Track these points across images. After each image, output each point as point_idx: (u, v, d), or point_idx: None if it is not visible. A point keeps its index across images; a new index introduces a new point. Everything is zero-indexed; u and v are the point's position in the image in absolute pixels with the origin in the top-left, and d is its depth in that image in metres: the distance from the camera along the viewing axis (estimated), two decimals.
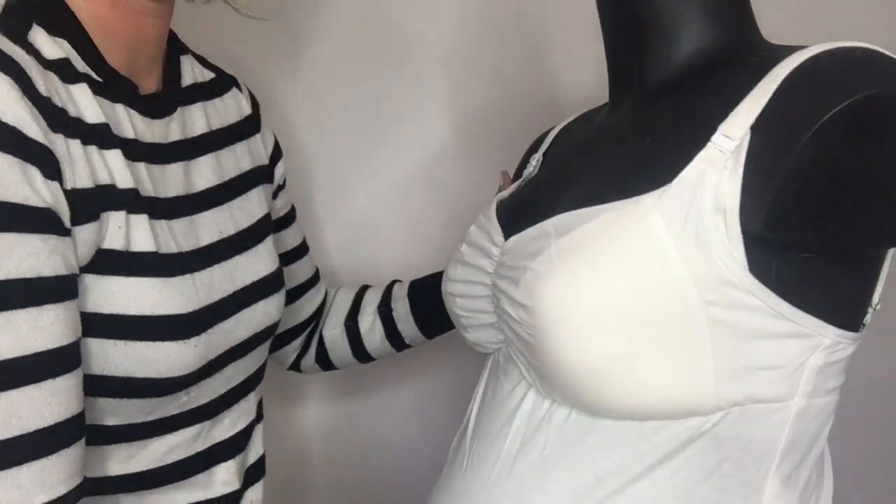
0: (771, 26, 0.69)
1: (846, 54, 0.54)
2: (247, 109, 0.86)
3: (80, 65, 0.63)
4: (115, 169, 0.63)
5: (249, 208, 0.80)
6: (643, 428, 0.58)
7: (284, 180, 0.93)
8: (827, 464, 0.67)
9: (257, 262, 0.78)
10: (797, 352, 0.57)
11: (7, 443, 0.52)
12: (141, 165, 0.66)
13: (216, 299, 0.70)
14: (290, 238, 0.95)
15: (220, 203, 0.75)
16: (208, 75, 0.82)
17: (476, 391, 0.73)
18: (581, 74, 1.11)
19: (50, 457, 0.54)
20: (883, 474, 1.37)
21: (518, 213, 0.73)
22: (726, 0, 0.65)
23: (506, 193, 0.80)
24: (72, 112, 0.60)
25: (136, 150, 0.66)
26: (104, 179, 0.62)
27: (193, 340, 0.66)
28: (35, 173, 0.55)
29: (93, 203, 0.60)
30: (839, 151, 0.51)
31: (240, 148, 0.82)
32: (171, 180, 0.70)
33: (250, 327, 0.75)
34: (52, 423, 0.54)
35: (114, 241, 0.62)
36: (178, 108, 0.74)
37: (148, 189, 0.66)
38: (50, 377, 0.55)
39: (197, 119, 0.76)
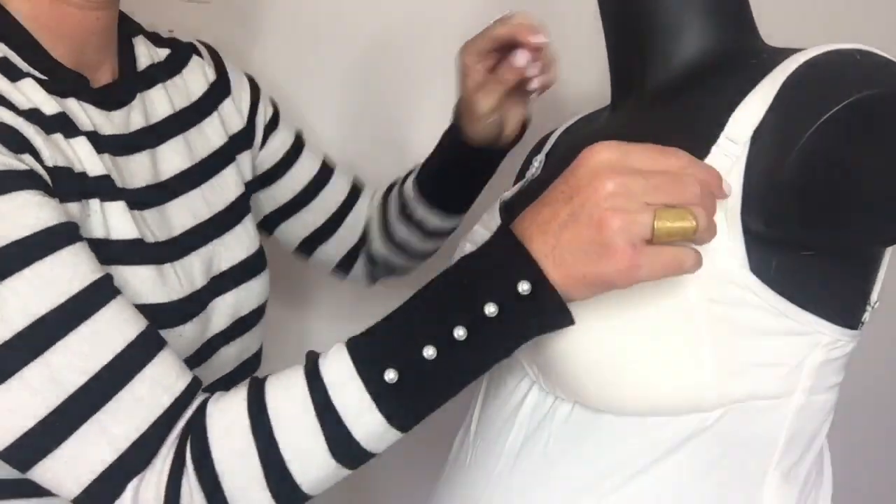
0: (769, 28, 0.70)
1: (844, 56, 0.55)
2: (211, 75, 0.82)
3: (22, 64, 0.62)
4: (84, 157, 0.62)
5: (225, 187, 0.78)
6: (645, 424, 0.59)
7: (273, 116, 0.89)
8: (826, 460, 0.67)
9: (236, 245, 0.76)
10: (797, 349, 0.58)
11: (108, 367, 0.54)
12: (106, 157, 0.65)
13: (197, 288, 0.70)
14: (306, 168, 0.91)
15: (191, 187, 0.74)
16: (163, 53, 0.79)
17: (479, 387, 0.74)
18: (583, 76, 1.12)
19: (152, 361, 0.56)
20: (881, 471, 1.37)
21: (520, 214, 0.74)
22: (726, 3, 0.66)
23: (509, 194, 0.80)
24: (24, 105, 0.59)
25: (97, 142, 0.65)
26: (77, 167, 0.61)
27: (178, 330, 0.66)
28: (1, 150, 0.55)
29: (73, 185, 0.60)
30: (838, 151, 0.52)
31: (209, 124, 0.79)
32: (137, 171, 0.69)
33: (234, 312, 0.75)
34: (136, 334, 0.56)
35: (93, 230, 0.62)
36: (137, 95, 0.72)
37: (118, 181, 0.66)
38: (112, 298, 0.56)
39: (158, 103, 0.74)
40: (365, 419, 0.53)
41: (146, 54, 0.76)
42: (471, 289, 0.52)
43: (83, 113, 0.65)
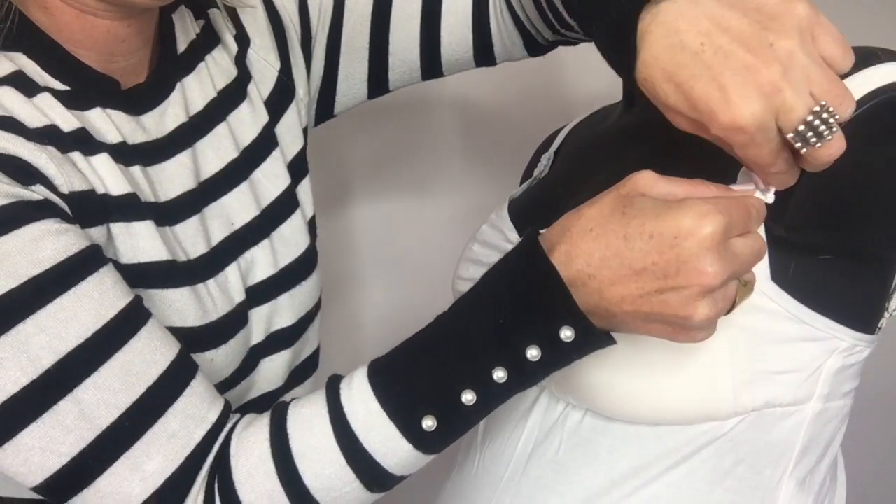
0: None
1: (868, 56, 0.53)
2: (231, 27, 0.72)
3: (40, 76, 0.57)
4: (105, 176, 0.58)
5: (270, 179, 0.70)
6: (658, 431, 0.58)
7: (303, 17, 0.76)
8: (840, 466, 0.67)
9: (281, 248, 0.70)
10: (814, 355, 0.57)
11: (140, 402, 0.52)
12: (136, 169, 0.61)
13: (235, 305, 0.65)
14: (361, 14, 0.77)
15: (236, 183, 0.68)
16: (201, 23, 0.70)
17: None
18: (591, 73, 1.11)
19: (184, 393, 0.54)
20: (893, 477, 1.37)
21: (530, 213, 0.73)
22: None
23: (517, 192, 0.79)
24: (38, 122, 0.55)
25: (125, 154, 0.60)
26: (99, 188, 0.57)
27: (210, 354, 0.62)
28: (12, 183, 0.52)
29: (94, 208, 0.57)
30: (862, 152, 0.50)
31: (246, 106, 0.70)
32: (175, 175, 0.63)
33: (278, 322, 0.70)
34: (167, 364, 0.54)
35: (119, 254, 0.58)
36: (177, 85, 0.65)
37: (147, 195, 0.61)
38: (142, 325, 0.54)
39: (198, 87, 0.67)
40: (399, 456, 0.53)
41: (185, 31, 0.68)
42: (510, 330, 0.49)
43: (109, 124, 0.60)
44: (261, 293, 0.68)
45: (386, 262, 1.22)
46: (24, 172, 0.52)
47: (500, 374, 0.50)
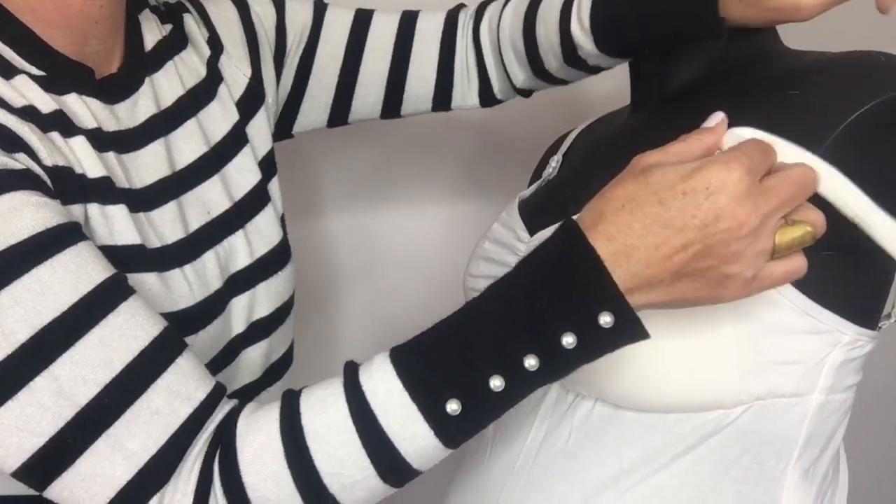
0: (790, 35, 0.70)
1: (870, 58, 0.55)
2: (205, 31, 0.74)
3: (17, 60, 0.57)
4: (82, 158, 0.58)
5: (241, 174, 0.72)
6: (666, 420, 0.59)
7: (278, 33, 0.79)
8: (842, 459, 0.68)
9: (256, 239, 0.71)
10: (817, 348, 0.58)
11: (119, 377, 0.50)
12: (110, 155, 0.61)
13: (212, 291, 0.66)
14: (335, 43, 0.81)
15: (209, 174, 0.69)
16: (168, 28, 0.72)
17: None
18: (598, 78, 1.12)
19: (168, 370, 0.52)
20: (895, 476, 1.37)
21: (539, 213, 0.74)
22: None
23: (526, 193, 0.81)
24: (18, 103, 0.55)
25: (100, 140, 0.60)
26: (77, 168, 0.57)
27: (189, 339, 0.62)
28: None
29: (74, 186, 0.56)
30: (863, 150, 0.53)
31: (218, 99, 0.72)
32: (149, 164, 0.64)
33: (258, 311, 0.71)
34: (148, 340, 0.52)
35: (95, 235, 0.58)
36: (146, 79, 0.67)
37: (121, 181, 0.61)
38: (122, 300, 0.52)
39: (168, 84, 0.69)
40: (419, 443, 0.50)
41: (153, 31, 0.70)
42: (546, 315, 0.48)
43: (85, 109, 0.60)
44: (241, 281, 0.70)
45: (366, 271, 1.22)
46: (7, 140, 0.52)
47: (531, 362, 0.48)
